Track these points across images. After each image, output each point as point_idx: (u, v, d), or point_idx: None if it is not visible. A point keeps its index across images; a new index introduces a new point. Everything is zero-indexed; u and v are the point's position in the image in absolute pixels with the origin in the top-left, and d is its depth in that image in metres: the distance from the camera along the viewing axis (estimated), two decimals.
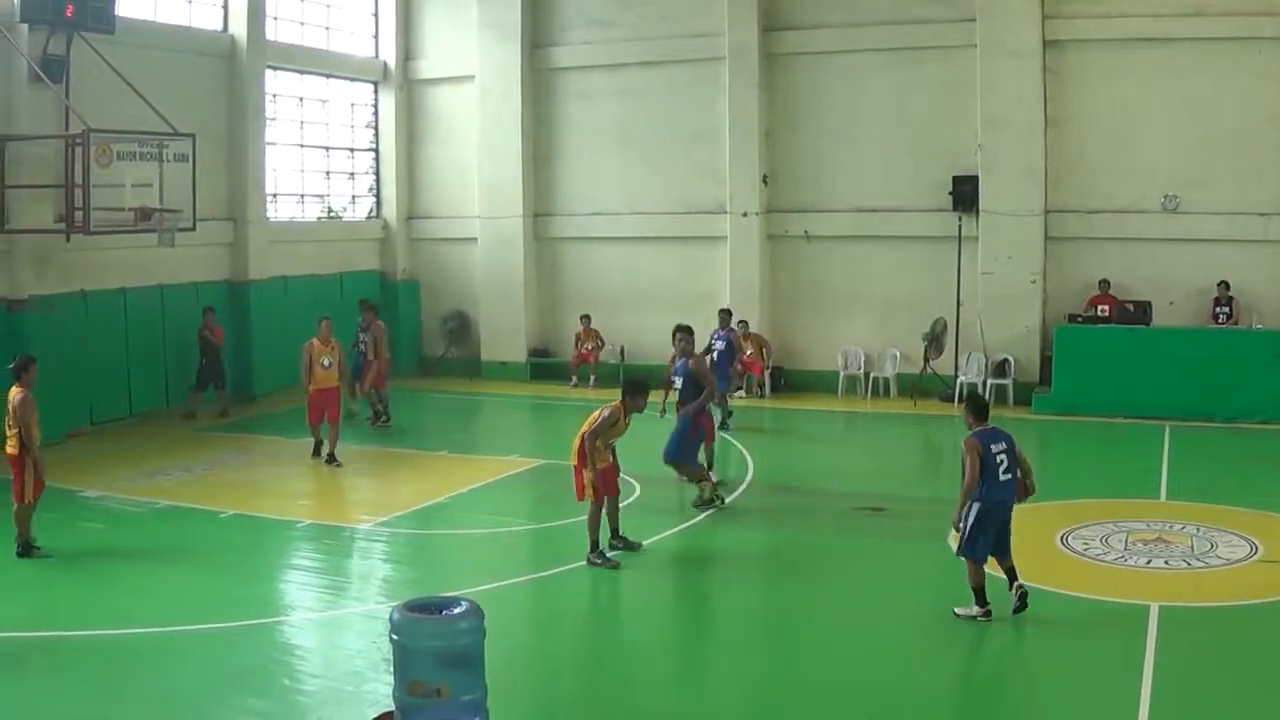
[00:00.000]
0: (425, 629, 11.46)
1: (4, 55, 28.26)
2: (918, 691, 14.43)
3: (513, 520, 22.78)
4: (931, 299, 34.37)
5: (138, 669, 15.14)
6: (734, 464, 27.11)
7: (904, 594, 17.71)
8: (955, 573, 17.95)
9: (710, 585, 18.96)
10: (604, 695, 14.41)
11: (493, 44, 39.44)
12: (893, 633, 16.17)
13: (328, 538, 21.62)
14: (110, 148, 27.65)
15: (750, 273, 36.72)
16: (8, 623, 16.69)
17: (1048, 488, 23.64)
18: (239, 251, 35.14)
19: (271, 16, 36.42)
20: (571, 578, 19.04)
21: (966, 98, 33.97)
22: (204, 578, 19.33)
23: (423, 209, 41.71)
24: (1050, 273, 33.80)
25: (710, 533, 21.45)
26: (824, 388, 35.65)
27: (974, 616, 16.27)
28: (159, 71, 31.17)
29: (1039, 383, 33.24)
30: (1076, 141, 33.33)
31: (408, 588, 18.19)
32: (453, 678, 11.27)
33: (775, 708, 14.10)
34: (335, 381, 26.88)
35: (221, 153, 34.31)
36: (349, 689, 14.45)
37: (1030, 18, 32.99)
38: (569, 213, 39.59)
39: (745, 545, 21.34)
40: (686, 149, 37.66)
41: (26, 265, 29.02)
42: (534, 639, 17.04)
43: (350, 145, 41.04)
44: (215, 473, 26.20)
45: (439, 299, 41.28)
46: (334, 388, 26.86)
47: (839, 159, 35.92)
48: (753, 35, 36.13)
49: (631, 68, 38.32)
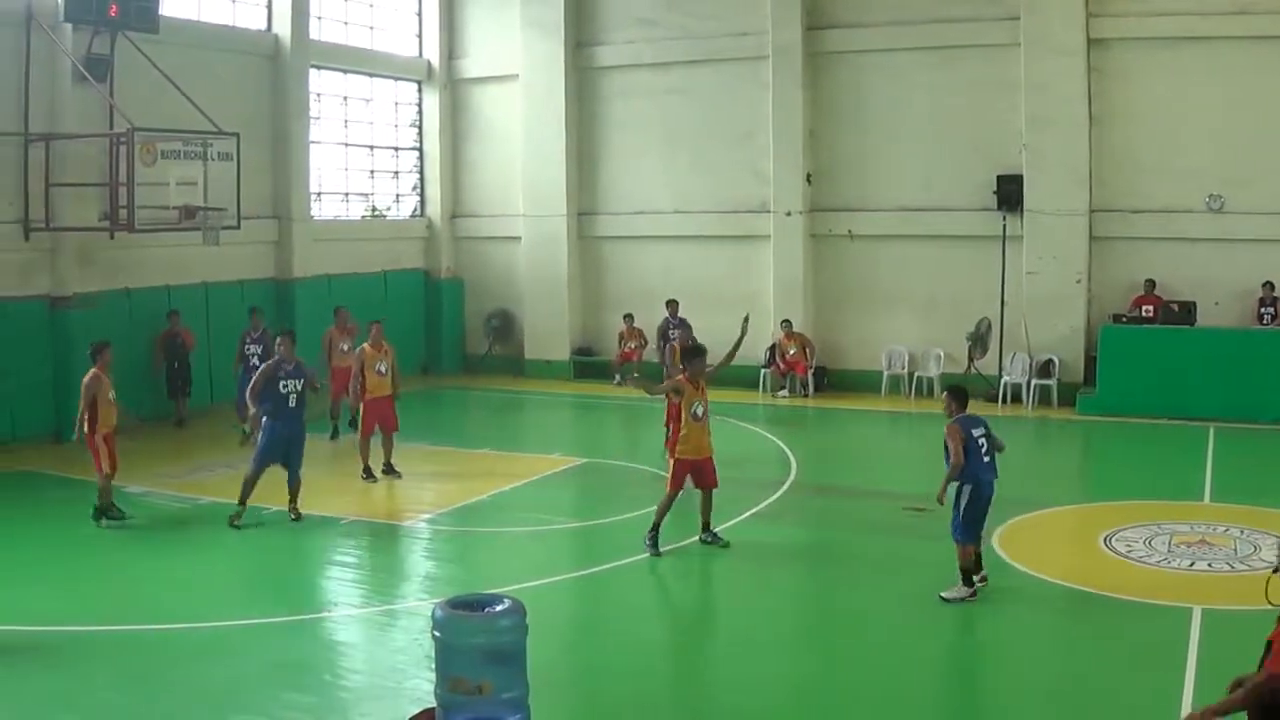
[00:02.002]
0: (468, 626, 11.42)
1: (48, 55, 28.44)
2: (959, 692, 14.40)
3: (555, 518, 22.79)
4: (976, 299, 34.20)
5: (179, 663, 15.18)
6: (777, 463, 27.07)
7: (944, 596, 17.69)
8: (999, 575, 17.94)
9: (753, 584, 18.85)
10: (645, 693, 14.38)
11: (536, 43, 39.50)
12: (935, 634, 16.09)
13: (371, 534, 21.71)
14: (155, 146, 27.79)
15: (794, 272, 36.64)
16: (51, 617, 16.77)
17: (1091, 489, 23.69)
18: (283, 250, 35.31)
19: (315, 16, 36.56)
20: (614, 576, 19.07)
21: (1010, 96, 33.79)
22: (246, 573, 19.45)
23: (467, 208, 41.79)
24: (1095, 273, 33.60)
25: (753, 531, 21.35)
26: (868, 387, 35.55)
27: (962, 599, 16.49)
28: (203, 71, 31.34)
29: (1083, 383, 33.02)
30: (1121, 140, 33.09)
31: (450, 585, 18.26)
32: (495, 675, 11.24)
33: (820, 708, 14.07)
34: (389, 390, 25.87)
35: (266, 151, 34.44)
36: (390, 685, 14.46)
37: (1074, 16, 32.79)
38: (612, 211, 39.62)
39: (788, 545, 21.32)
40: (730, 148, 37.60)
41: (71, 263, 29.20)
42: (576, 637, 17.02)
43: (394, 144, 41.14)
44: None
45: (483, 297, 41.38)
46: (388, 396, 25.85)
47: (883, 158, 35.81)
48: (796, 34, 36.04)
49: (675, 66, 38.30)
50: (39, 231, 28.52)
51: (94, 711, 13.65)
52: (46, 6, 28.19)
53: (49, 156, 28.64)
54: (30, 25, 28.11)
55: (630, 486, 24.76)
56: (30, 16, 28.09)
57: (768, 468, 26.52)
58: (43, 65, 28.46)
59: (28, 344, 28.40)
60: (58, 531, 21.36)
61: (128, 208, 27.35)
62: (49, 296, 29.02)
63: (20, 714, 13.48)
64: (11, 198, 28.28)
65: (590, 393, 36.22)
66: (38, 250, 28.78)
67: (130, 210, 27.28)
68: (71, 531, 21.33)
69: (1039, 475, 27.29)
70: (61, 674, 14.70)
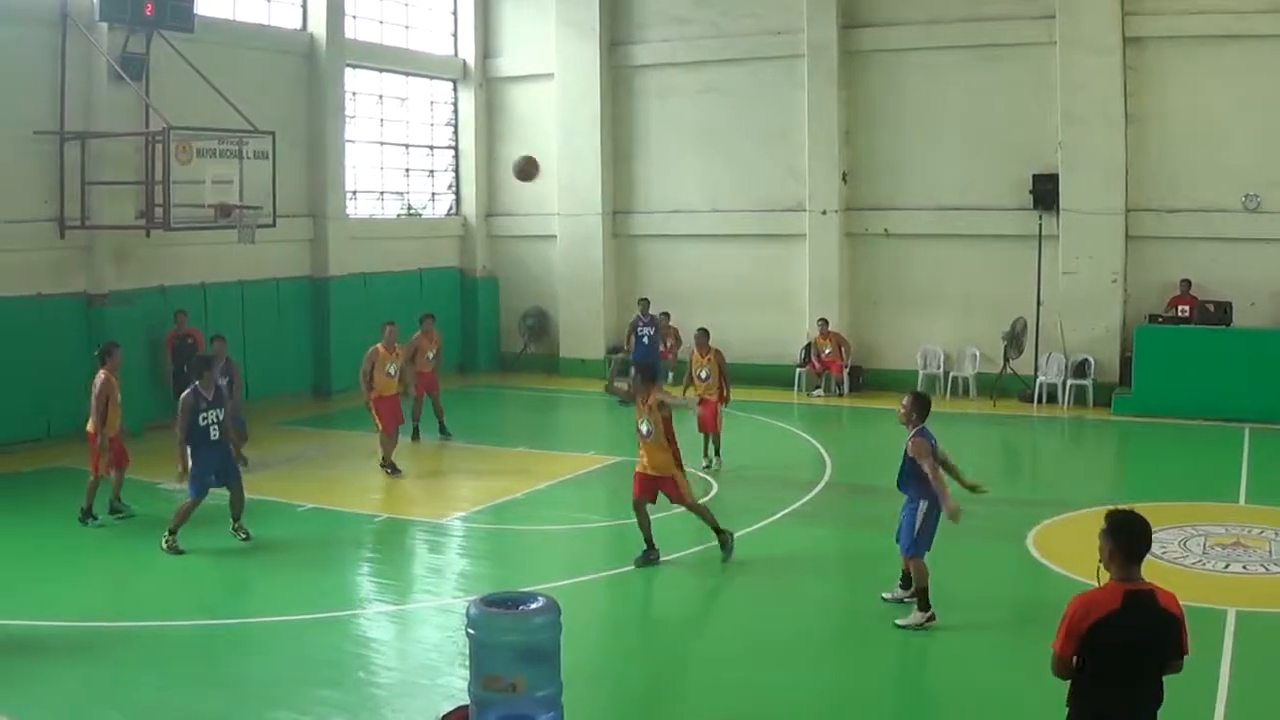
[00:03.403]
0: (502, 624, 11.44)
1: (84, 54, 28.56)
2: (991, 695, 14.35)
3: (590, 517, 22.77)
4: (1011, 298, 34.07)
5: (215, 660, 15.29)
6: (811, 463, 27.05)
7: (982, 596, 17.55)
8: (1033, 575, 17.94)
9: (786, 586, 18.78)
10: (678, 693, 14.39)
11: (571, 42, 39.53)
12: (965, 636, 16.00)
13: (404, 532, 21.78)
14: (191, 145, 27.91)
15: (829, 271, 36.59)
16: (87, 612, 16.84)
17: (1126, 490, 23.57)
18: (319, 248, 35.39)
19: (350, 15, 36.66)
20: (648, 575, 19.00)
21: (1046, 95, 33.65)
22: (281, 570, 19.47)
23: (502, 206, 41.82)
24: (1130, 272, 33.42)
25: (787, 533, 21.35)
26: (903, 387, 34.93)
27: (920, 624, 15.96)
28: (238, 69, 31.44)
29: (1119, 384, 32.86)
30: (1157, 140, 32.92)
31: (484, 582, 18.28)
32: (528, 673, 11.26)
33: (852, 712, 14.07)
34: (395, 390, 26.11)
35: (301, 150, 34.55)
36: (424, 682, 14.49)
37: (1110, 14, 32.62)
38: (648, 210, 39.62)
39: (822, 546, 21.32)
40: (766, 146, 37.57)
41: (107, 261, 29.31)
42: (609, 635, 17.01)
43: (430, 143, 41.22)
44: (293, 467, 26.33)
45: (518, 296, 41.44)
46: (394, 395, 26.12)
47: (918, 157, 35.72)
48: (831, 32, 35.97)
49: (710, 65, 38.28)
50: (75, 229, 28.61)
51: (130, 707, 13.69)
52: (82, 6, 28.30)
53: (85, 155, 28.76)
54: (66, 24, 28.20)
55: None
56: (66, 16, 28.18)
57: (802, 467, 26.51)
58: (79, 64, 28.56)
59: (63, 341, 28.44)
60: (95, 528, 21.42)
61: (163, 206, 27.48)
62: (85, 294, 29.13)
63: (57, 709, 13.54)
64: (48, 196, 28.34)
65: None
66: (74, 248, 28.87)
67: (166, 208, 27.41)
68: (109, 528, 21.43)
69: (1073, 476, 27.29)
70: (98, 670, 14.78)
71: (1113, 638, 8.71)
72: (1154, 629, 8.86)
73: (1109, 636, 8.70)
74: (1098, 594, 8.88)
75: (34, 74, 28.01)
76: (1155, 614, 8.88)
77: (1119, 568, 8.95)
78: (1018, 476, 27.85)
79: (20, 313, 27.69)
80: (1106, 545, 9.02)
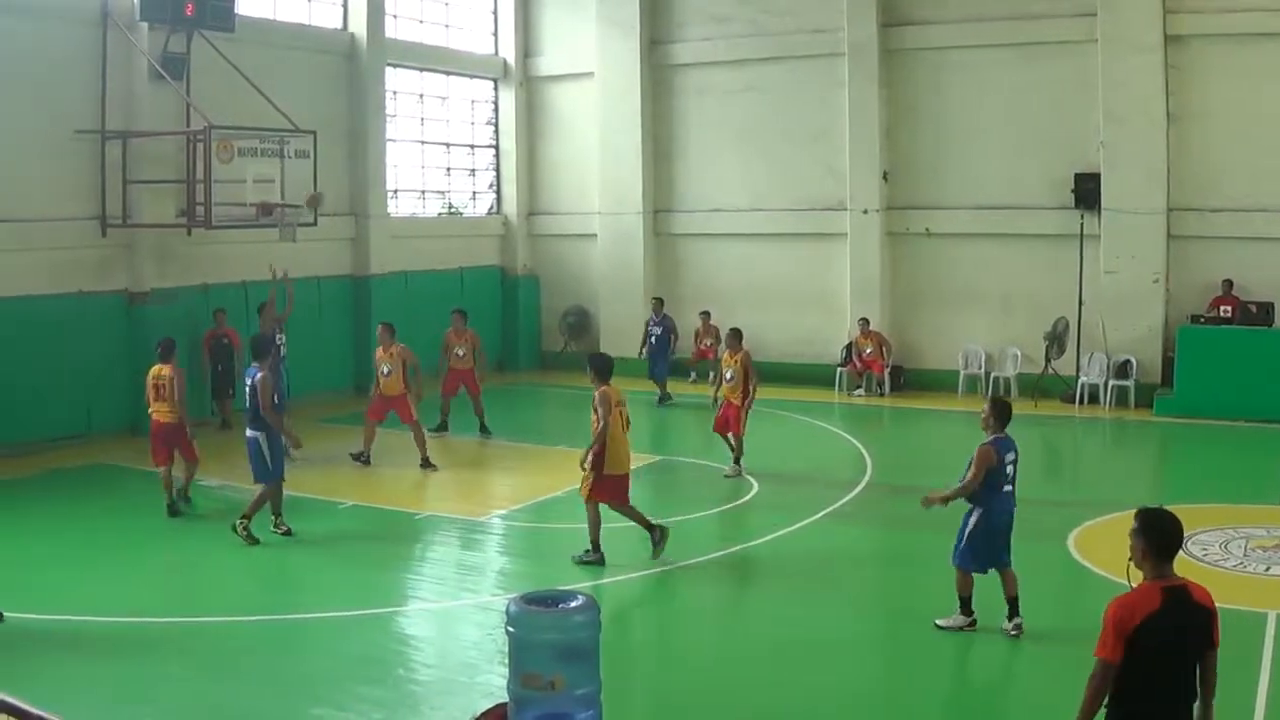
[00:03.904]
0: (541, 622, 11.44)
1: (125, 53, 28.70)
2: (1029, 697, 14.33)
3: None
4: (1053, 298, 33.93)
5: (254, 655, 15.35)
6: (852, 463, 27.00)
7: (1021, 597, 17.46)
8: (1073, 577, 17.88)
9: (825, 586, 18.74)
10: (717, 692, 14.33)
11: (612, 40, 39.55)
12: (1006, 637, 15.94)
13: (445, 529, 21.81)
14: (232, 144, 27.95)
15: (870, 270, 36.53)
16: (128, 608, 16.92)
17: (1167, 491, 23.46)
18: (360, 247, 35.50)
19: (391, 14, 36.78)
20: (688, 573, 19.03)
21: (1088, 93, 33.49)
22: (322, 567, 19.56)
23: (543, 205, 41.90)
24: (1172, 272, 33.20)
25: (827, 532, 21.32)
26: (944, 387, 35.38)
27: (959, 627, 15.86)
28: (279, 69, 31.61)
29: (1160, 384, 32.70)
30: (1199, 139, 32.72)
31: (524, 580, 18.29)
32: (568, 671, 11.25)
33: (887, 714, 14.06)
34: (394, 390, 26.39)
35: (342, 149, 34.63)
36: (463, 680, 14.54)
37: (1152, 12, 32.42)
38: (689, 209, 39.61)
39: (862, 546, 21.30)
40: (806, 145, 37.51)
41: (148, 259, 29.46)
42: (649, 634, 17.06)
43: (470, 142, 41.30)
44: (335, 464, 26.38)
45: (559, 295, 41.50)
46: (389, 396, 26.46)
47: (959, 155, 35.60)
48: (872, 31, 35.90)
49: (751, 64, 38.25)
50: (116, 228, 28.76)
51: (170, 702, 13.77)
52: (123, 6, 28.44)
53: (126, 154, 28.88)
54: (107, 24, 28.38)
55: (706, 484, 24.78)
56: (107, 16, 28.35)
57: (843, 467, 26.49)
58: (119, 64, 28.71)
59: (105, 339, 28.66)
60: (134, 523, 21.61)
61: (205, 205, 27.58)
62: (126, 292, 29.27)
63: (97, 704, 13.60)
64: (89, 195, 28.52)
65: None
66: (115, 246, 29.02)
67: (207, 207, 27.52)
68: (147, 523, 21.57)
69: (1115, 477, 27.19)
70: (137, 664, 14.87)
71: (1155, 638, 8.65)
72: (1192, 624, 8.86)
73: (1151, 637, 8.64)
74: (1136, 595, 8.83)
75: (75, 74, 28.17)
76: (1192, 609, 8.87)
77: (1152, 566, 8.91)
78: (1059, 477, 27.76)
79: (62, 310, 27.82)
80: (1139, 544, 8.98)
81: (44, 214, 27.49)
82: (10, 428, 26.44)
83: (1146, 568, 8.93)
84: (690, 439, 30.05)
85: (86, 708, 13.34)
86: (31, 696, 7.37)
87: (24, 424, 26.83)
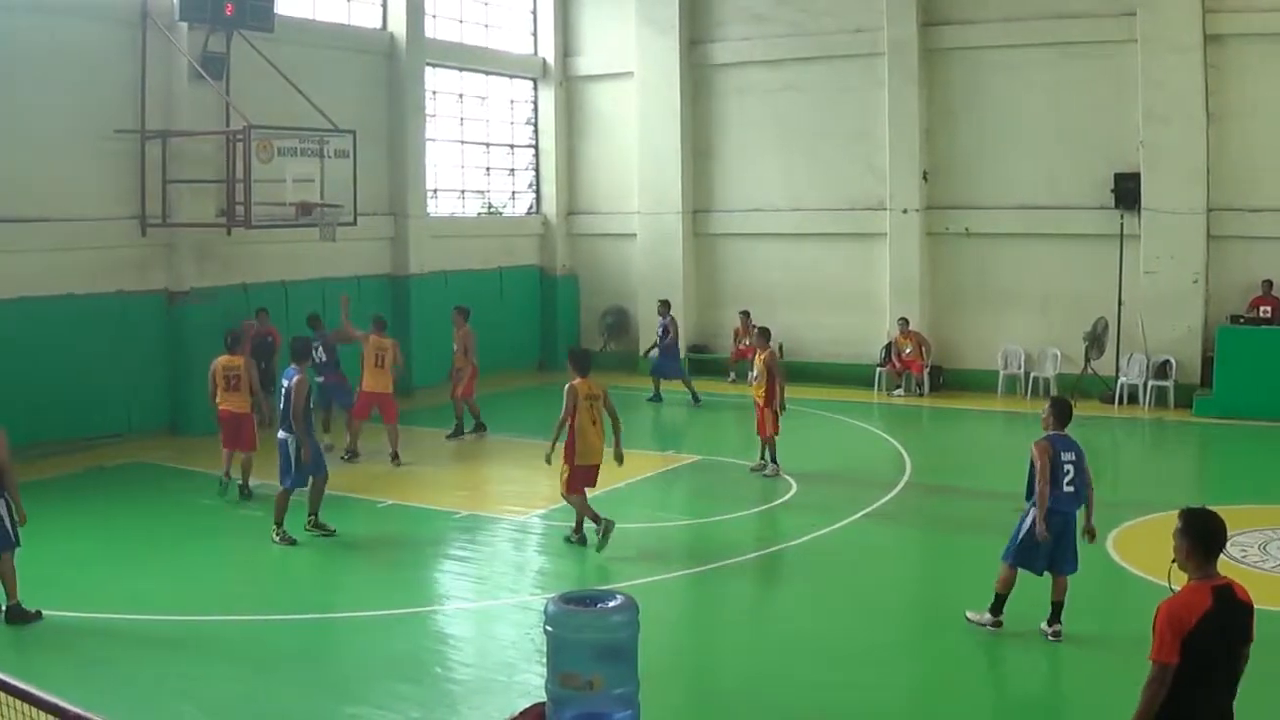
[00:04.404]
0: (580, 621, 11.47)
1: (165, 53, 28.76)
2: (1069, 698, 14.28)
3: (668, 515, 22.87)
4: (1092, 298, 33.75)
5: (292, 654, 15.40)
6: (891, 463, 26.94)
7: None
8: (1113, 578, 17.78)
9: (865, 585, 18.71)
10: (755, 692, 14.28)
11: (651, 40, 39.55)
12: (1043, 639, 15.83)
13: (484, 529, 21.77)
14: (271, 143, 27.99)
15: (910, 270, 36.46)
16: (167, 606, 16.92)
17: (1206, 492, 23.33)
18: (399, 246, 35.54)
19: (430, 14, 36.81)
20: (726, 573, 19.02)
21: (1127, 93, 33.34)
22: (361, 566, 19.60)
23: (582, 205, 41.91)
24: (1212, 272, 33.02)
25: (865, 531, 21.25)
26: (983, 387, 35.27)
27: (983, 625, 15.75)
28: (318, 69, 31.70)
29: (1200, 385, 32.53)
30: (1238, 138, 32.52)
31: (562, 580, 18.31)
32: (606, 670, 11.27)
33: (929, 713, 14.02)
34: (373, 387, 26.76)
35: (382, 149, 34.69)
36: (501, 679, 14.50)
37: (1191, 11, 32.25)
38: (728, 209, 39.58)
39: (901, 546, 21.28)
40: (846, 145, 37.44)
41: (188, 258, 29.53)
42: (688, 634, 17.02)
43: (510, 141, 41.31)
44: (374, 463, 26.40)
45: (598, 294, 41.51)
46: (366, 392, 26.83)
47: (999, 155, 35.46)
48: (911, 30, 35.82)
49: (790, 63, 38.21)
50: (156, 227, 28.83)
51: (209, 700, 13.78)
52: (162, 6, 28.51)
53: (166, 153, 28.95)
54: (146, 24, 28.42)
55: (745, 484, 24.70)
56: (146, 16, 28.40)
57: (882, 467, 26.39)
58: (159, 64, 28.77)
59: (145, 338, 28.77)
60: (174, 521, 21.69)
61: (244, 204, 27.61)
62: (166, 291, 29.35)
63: (137, 702, 13.61)
64: (129, 194, 28.58)
65: (704, 390, 36.03)
66: (155, 246, 29.09)
67: (247, 207, 27.54)
68: (186, 522, 21.67)
69: (1154, 478, 27.08)
70: (177, 663, 14.91)
71: (1208, 638, 8.61)
72: (1238, 622, 8.85)
73: (1205, 637, 8.60)
74: (1188, 596, 8.77)
75: (115, 74, 28.25)
76: (1238, 607, 8.86)
77: (1197, 566, 8.87)
78: (1098, 478, 27.13)
79: (102, 310, 27.92)
80: (1184, 544, 8.93)
81: (84, 214, 27.59)
82: (50, 426, 26.53)
83: (1191, 568, 8.88)
84: (728, 439, 29.99)
85: (126, 705, 13.33)
86: (71, 694, 7.36)
87: (64, 423, 26.92)
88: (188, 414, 28.99)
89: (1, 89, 25.99)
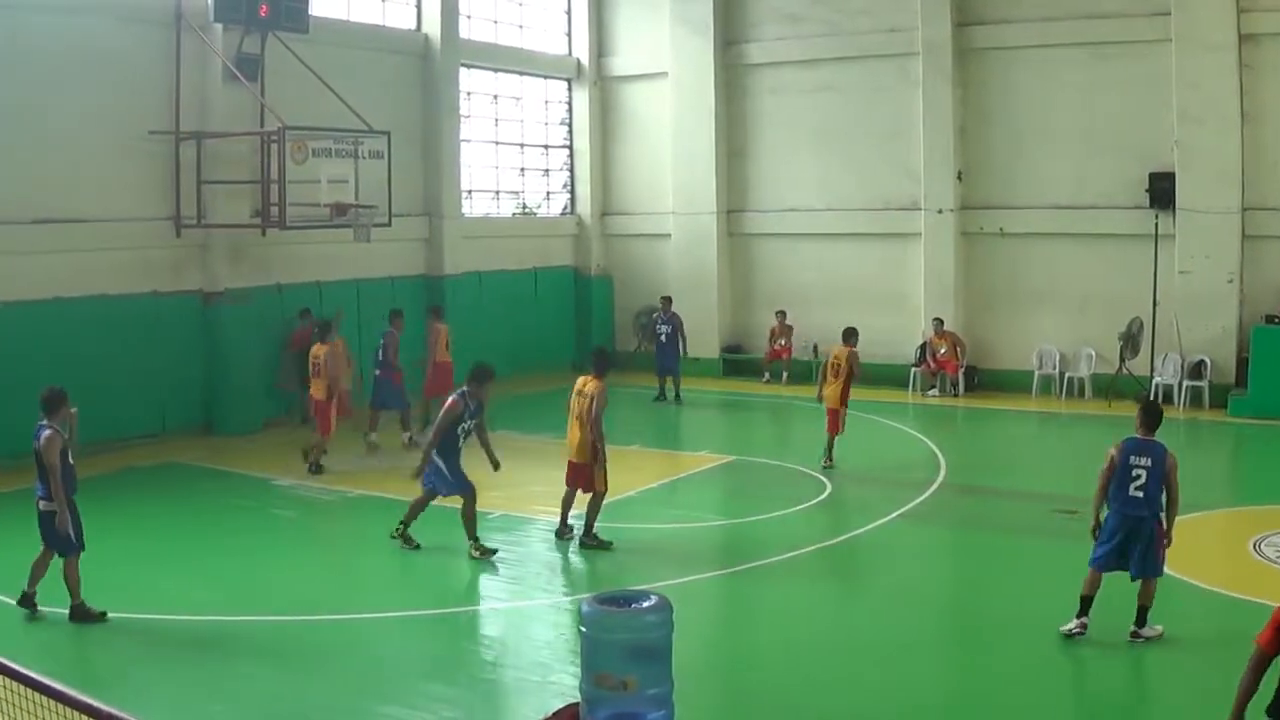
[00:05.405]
0: (614, 622, 11.47)
1: (199, 54, 28.87)
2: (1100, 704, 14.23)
3: (703, 515, 22.82)
4: (1127, 298, 33.65)
5: (327, 654, 15.38)
6: (926, 464, 26.89)
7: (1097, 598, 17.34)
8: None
9: (899, 586, 18.65)
10: (789, 692, 14.25)
11: (685, 40, 39.55)
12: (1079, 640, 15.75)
13: (518, 529, 21.78)
14: (306, 144, 28.10)
15: (944, 270, 36.41)
16: (201, 606, 16.97)
17: (1241, 492, 23.28)
18: (434, 247, 35.61)
19: (465, 15, 36.86)
20: (761, 574, 18.99)
21: (1161, 93, 33.21)
22: (393, 566, 19.57)
23: (616, 205, 41.93)
24: (1247, 272, 32.88)
25: (900, 532, 21.22)
26: (1018, 387, 35.18)
27: (1069, 632, 15.55)
28: (353, 70, 31.76)
29: (1235, 385, 32.46)
30: (1273, 137, 32.36)
31: (597, 580, 18.32)
32: (640, 671, 11.26)
33: (966, 713, 13.96)
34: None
35: (417, 149, 34.79)
36: (535, 679, 14.50)
37: (1225, 11, 32.13)
38: (762, 209, 39.58)
39: (935, 546, 21.23)
40: (880, 145, 37.42)
41: (222, 259, 29.60)
42: (722, 634, 17.02)
43: (544, 142, 41.37)
44: (406, 463, 26.37)
45: (632, 295, 41.49)
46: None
47: (1033, 155, 35.39)
48: (946, 30, 35.77)
49: (824, 63, 38.19)
50: (190, 228, 28.91)
51: (243, 700, 13.80)
52: (197, 7, 28.61)
53: (200, 154, 29.04)
54: (180, 26, 28.50)
55: (779, 485, 24.70)
56: (180, 17, 28.47)
57: (917, 468, 26.35)
58: (193, 65, 28.86)
59: (179, 338, 28.85)
60: (207, 522, 21.72)
61: (279, 205, 27.69)
62: (201, 292, 29.43)
63: (170, 701, 13.66)
64: (164, 195, 28.67)
65: (740, 390, 36.04)
66: (189, 246, 29.17)
67: (281, 207, 27.63)
68: (221, 522, 21.73)
69: (1189, 478, 26.49)
70: (212, 662, 14.96)
71: None
72: None
73: None
74: None
75: (149, 75, 28.34)
76: None
77: None
78: None
79: (137, 310, 28.02)
80: None
81: (119, 214, 27.70)
82: (85, 427, 26.14)
83: None
84: (764, 439, 30.00)
85: (161, 704, 13.39)
86: (106, 694, 7.40)
87: (99, 423, 26.80)
88: (222, 414, 29.10)
89: (36, 90, 26.07)
